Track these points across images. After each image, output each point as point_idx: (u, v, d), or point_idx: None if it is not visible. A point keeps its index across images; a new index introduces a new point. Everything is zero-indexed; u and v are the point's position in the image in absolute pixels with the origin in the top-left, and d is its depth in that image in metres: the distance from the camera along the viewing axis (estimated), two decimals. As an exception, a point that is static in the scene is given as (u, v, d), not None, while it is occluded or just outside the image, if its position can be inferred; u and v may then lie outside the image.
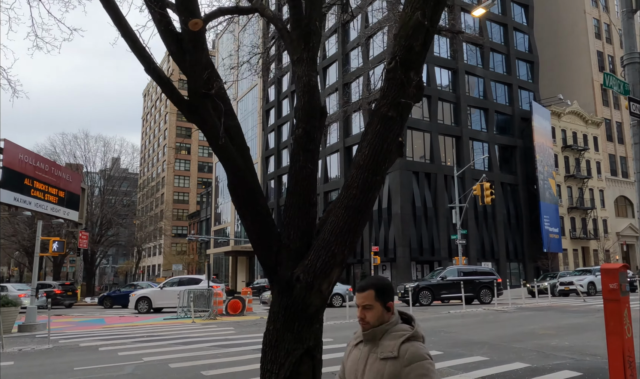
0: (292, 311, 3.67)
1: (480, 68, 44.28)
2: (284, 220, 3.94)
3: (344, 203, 3.64)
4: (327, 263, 3.61)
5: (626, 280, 5.90)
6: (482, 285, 23.08)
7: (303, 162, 3.99)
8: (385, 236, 38.44)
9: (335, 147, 45.71)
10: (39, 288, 25.11)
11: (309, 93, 4.15)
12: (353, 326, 14.45)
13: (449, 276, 23.16)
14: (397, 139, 3.72)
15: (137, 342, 11.83)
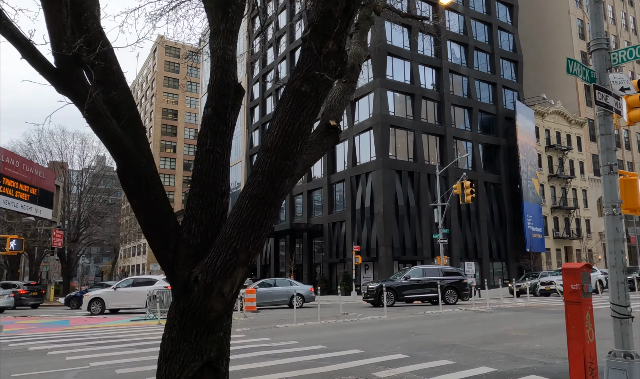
0: (189, 317, 3.16)
1: (464, 67, 44.10)
2: (184, 212, 3.44)
3: (248, 191, 3.14)
4: (229, 261, 3.10)
5: (589, 281, 5.49)
6: (447, 285, 22.67)
7: (211, 145, 3.48)
8: (367, 235, 38.04)
9: (319, 145, 45.15)
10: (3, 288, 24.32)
11: (222, 68, 3.65)
12: (323, 328, 13.99)
13: (413, 277, 22.76)
14: (312, 118, 3.23)
15: (91, 345, 11.22)
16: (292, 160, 3.15)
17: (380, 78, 38.51)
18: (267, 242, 52.14)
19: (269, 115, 55.46)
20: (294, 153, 3.14)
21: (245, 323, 15.54)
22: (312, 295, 23.59)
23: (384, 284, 22.02)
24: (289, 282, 24.48)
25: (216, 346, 3.22)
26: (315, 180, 45.58)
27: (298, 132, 3.13)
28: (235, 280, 3.14)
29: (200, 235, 3.30)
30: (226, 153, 3.55)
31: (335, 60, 3.22)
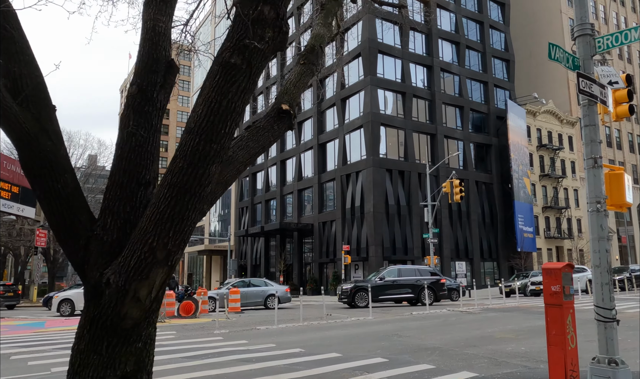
0: (100, 325, 2.72)
1: (455, 66, 43.83)
2: (102, 204, 2.99)
3: (167, 179, 2.70)
4: (144, 260, 2.66)
5: (570, 281, 5.09)
6: (423, 286, 22.15)
7: (134, 127, 3.03)
8: (357, 235, 37.66)
9: (310, 143, 44.79)
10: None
11: (152, 41, 3.20)
12: (304, 330, 13.56)
13: (388, 277, 22.33)
14: (244, 95, 2.79)
15: (58, 349, 10.72)
16: (220, 143, 2.71)
17: (370, 76, 38.13)
18: (257, 241, 51.66)
19: (259, 114, 54.99)
20: (221, 135, 2.71)
21: (226, 325, 15.08)
22: (288, 295, 23.13)
23: (358, 284, 21.67)
24: (264, 282, 23.97)
25: (133, 359, 2.77)
26: (305, 179, 45.15)
27: (226, 111, 2.70)
28: (153, 282, 2.70)
29: (117, 230, 2.86)
30: (153, 137, 3.11)
31: (273, 29, 2.79)
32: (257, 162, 54.45)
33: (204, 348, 10.54)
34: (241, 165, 3.42)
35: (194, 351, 10.07)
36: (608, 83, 6.50)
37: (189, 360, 9.15)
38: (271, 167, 51.28)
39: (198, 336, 12.58)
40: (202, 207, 2.78)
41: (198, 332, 13.37)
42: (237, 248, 56.31)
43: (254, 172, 54.74)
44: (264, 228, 44.97)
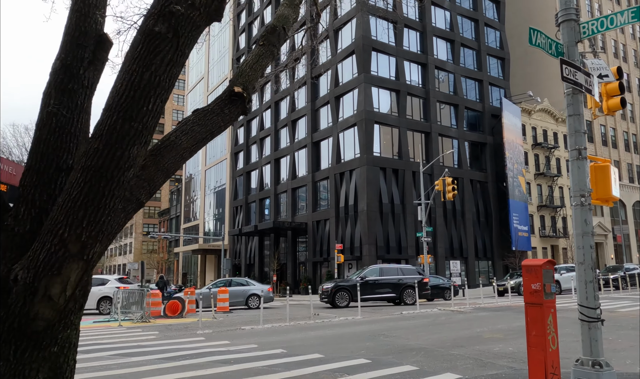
0: (7, 327, 2.40)
1: (450, 64, 43.58)
2: (17, 192, 2.68)
3: (82, 162, 2.39)
4: (55, 254, 2.35)
5: (552, 279, 4.81)
6: (406, 285, 22.04)
7: (55, 106, 2.72)
8: (351, 233, 37.37)
9: (303, 142, 44.47)
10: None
11: (80, 12, 2.89)
12: (290, 330, 13.26)
13: (369, 277, 22.11)
14: (170, 69, 2.49)
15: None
16: (141, 121, 2.41)
17: (364, 73, 37.84)
18: (251, 241, 51.34)
19: (254, 112, 54.64)
20: (143, 113, 2.40)
21: (211, 325, 14.77)
22: (270, 295, 22.79)
23: (339, 284, 21.44)
24: (245, 282, 23.60)
25: (47, 365, 2.46)
26: (299, 177, 44.84)
27: (149, 85, 2.39)
28: (67, 278, 2.38)
29: (30, 221, 2.55)
30: (78, 118, 2.79)
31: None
32: (251, 160, 54.10)
33: (183, 348, 10.23)
34: (185, 151, 3.11)
35: (173, 352, 9.76)
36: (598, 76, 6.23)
37: (165, 361, 8.84)
38: (265, 166, 50.95)
39: (180, 336, 12.26)
40: (123, 194, 2.47)
41: (181, 332, 13.06)
42: (232, 247, 55.96)
43: (248, 171, 54.41)
44: (258, 227, 44.66)
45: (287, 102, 48.28)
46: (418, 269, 23.89)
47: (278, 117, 49.81)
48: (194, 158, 72.63)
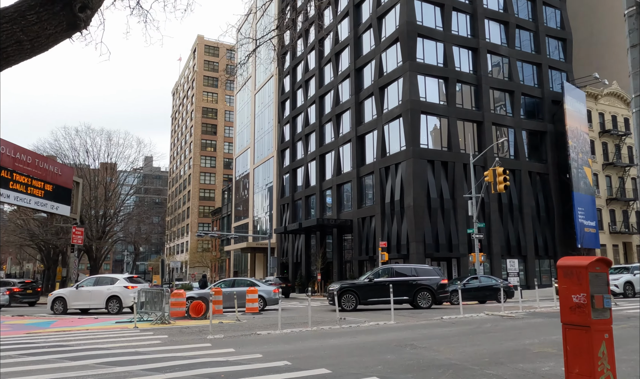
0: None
1: (504, 47, 40.45)
2: None
3: None
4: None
5: (605, 288, 3.10)
6: (420, 287, 20.04)
7: None
8: (397, 230, 35.45)
9: (348, 136, 42.95)
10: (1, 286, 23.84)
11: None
12: (307, 336, 11.86)
13: (379, 277, 20.40)
14: None
15: (32, 355, 9.66)
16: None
17: (410, 61, 35.75)
18: (298, 239, 50.47)
19: (299, 108, 53.76)
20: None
21: (228, 328, 13.68)
22: (276, 297, 21.18)
23: (345, 285, 19.84)
24: (250, 283, 22.24)
25: None
26: (344, 173, 43.37)
27: None
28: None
29: None
30: None
31: None
32: (297, 157, 53.24)
33: (179, 357, 9.12)
34: None
35: (165, 362, 8.67)
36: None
37: (148, 374, 7.73)
38: (310, 162, 49.90)
39: (187, 341, 11.20)
40: None
41: (191, 337, 12.02)
42: (279, 245, 55.41)
43: (294, 168, 53.61)
44: (302, 225, 43.65)
45: (331, 95, 46.95)
46: (436, 269, 21.75)
47: (322, 111, 48.59)
48: (243, 157, 73.02)
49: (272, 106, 62.51)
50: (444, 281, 20.58)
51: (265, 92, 65.49)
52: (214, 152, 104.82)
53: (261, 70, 67.95)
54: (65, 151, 44.92)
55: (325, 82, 48.56)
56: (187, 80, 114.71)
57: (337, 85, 45.64)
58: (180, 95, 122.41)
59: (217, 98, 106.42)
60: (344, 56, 45.62)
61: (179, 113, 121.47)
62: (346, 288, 19.49)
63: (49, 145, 45.71)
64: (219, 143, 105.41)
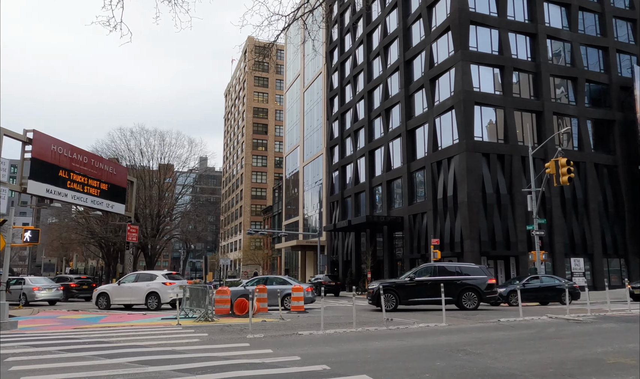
0: None
1: (566, 31, 37.80)
2: None
3: None
4: None
5: None
6: (464, 287, 18.78)
7: None
8: (450, 227, 33.95)
9: (398, 131, 41.76)
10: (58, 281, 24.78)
11: None
12: (351, 338, 11.15)
13: (420, 276, 19.35)
14: None
15: (63, 351, 9.58)
16: None
17: (462, 50, 34.10)
18: (348, 237, 49.78)
19: (348, 104, 53.02)
20: None
21: (270, 327, 13.22)
22: (309, 295, 20.40)
23: (384, 284, 18.91)
24: (282, 281, 21.56)
25: None
26: (394, 169, 42.21)
27: None
28: None
29: None
30: None
31: None
32: (346, 153, 52.56)
33: (214, 357, 8.69)
34: None
35: (198, 362, 8.25)
36: None
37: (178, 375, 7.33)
38: (360, 158, 49.04)
39: (226, 341, 10.81)
40: None
41: (230, 336, 11.63)
42: (329, 243, 54.96)
43: (343, 165, 52.94)
44: (351, 222, 42.90)
45: (380, 90, 45.87)
46: (483, 268, 20.31)
47: (371, 106, 47.59)
48: (292, 155, 73.21)
49: (320, 103, 62.15)
50: (491, 281, 19.32)
51: (314, 89, 65.22)
52: (265, 151, 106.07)
53: (310, 67, 67.75)
54: (122, 152, 46.59)
55: (374, 76, 47.53)
56: (238, 81, 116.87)
57: (386, 78, 44.52)
58: (232, 97, 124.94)
59: (268, 98, 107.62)
60: (393, 49, 44.40)
61: (231, 114, 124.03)
62: (385, 287, 18.72)
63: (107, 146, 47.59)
64: (269, 143, 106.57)
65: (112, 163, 33.65)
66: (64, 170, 27.01)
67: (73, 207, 51.35)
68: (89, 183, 29.23)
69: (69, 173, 27.43)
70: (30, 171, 24.52)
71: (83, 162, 28.92)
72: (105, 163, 31.32)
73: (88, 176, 29.06)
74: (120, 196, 32.02)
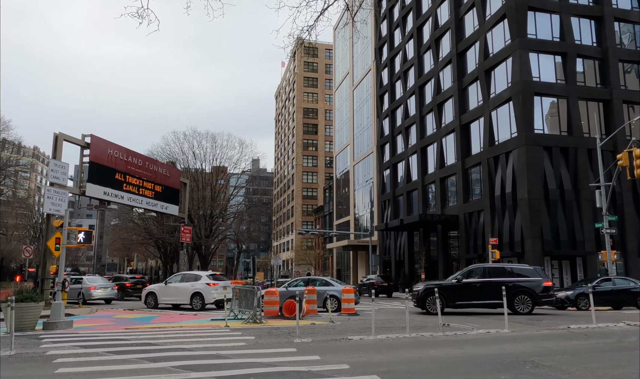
0: None
1: (636, 12, 34.91)
2: None
3: None
4: None
5: None
6: (517, 289, 17.41)
7: None
8: (509, 226, 32.16)
9: (451, 126, 40.21)
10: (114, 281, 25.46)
11: None
12: (404, 345, 10.41)
13: (468, 278, 18.23)
14: None
15: (113, 353, 9.50)
16: None
17: (519, 38, 32.24)
18: (400, 236, 48.62)
19: (398, 101, 51.82)
20: None
21: (318, 331, 12.70)
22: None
23: (429, 286, 17.80)
24: (325, 282, 20.80)
25: None
26: (448, 166, 40.68)
27: None
28: None
29: None
30: None
31: None
32: (397, 151, 51.37)
33: (259, 363, 8.26)
34: None
35: (243, 368, 7.85)
36: None
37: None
38: (411, 156, 47.73)
39: (272, 345, 10.38)
40: None
41: (278, 340, 11.21)
42: (381, 243, 53.96)
43: (394, 163, 51.78)
44: (404, 221, 41.75)
45: (431, 84, 44.41)
46: (537, 269, 18.80)
47: (423, 102, 46.18)
48: (343, 154, 72.65)
49: (370, 101, 61.20)
50: (547, 284, 18.00)
51: (363, 86, 64.34)
52: (315, 151, 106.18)
53: (359, 65, 66.93)
54: (176, 155, 47.79)
55: (425, 70, 46.10)
56: (288, 83, 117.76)
57: (437, 72, 43.02)
58: (282, 98, 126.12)
59: (317, 98, 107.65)
60: (445, 41, 42.81)
61: (282, 115, 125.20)
62: (431, 289, 17.77)
63: (161, 149, 48.99)
64: (320, 142, 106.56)
65: (166, 166, 34.44)
66: (120, 173, 27.79)
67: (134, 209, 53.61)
68: (143, 185, 29.94)
69: (125, 175, 28.21)
70: (89, 174, 25.37)
71: (138, 164, 29.64)
72: (158, 166, 32.05)
73: (143, 178, 29.79)
74: (174, 198, 32.69)
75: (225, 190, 50.63)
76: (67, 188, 22.77)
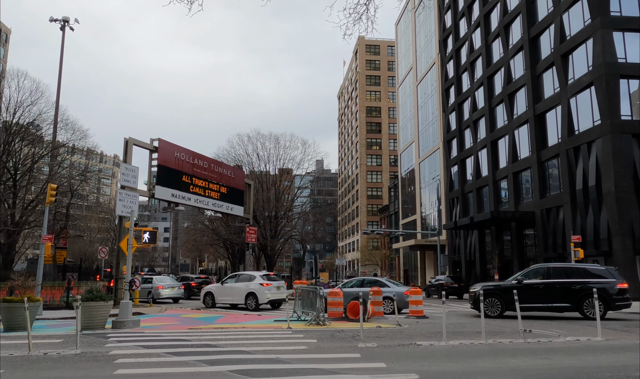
0: None
1: None
2: None
3: None
4: None
5: None
6: (587, 292, 15.45)
7: None
8: (594, 222, 29.46)
9: (524, 117, 37.71)
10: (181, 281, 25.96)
11: None
12: (480, 353, 9.41)
13: (530, 278, 16.69)
14: None
15: (173, 354, 9.33)
16: None
17: (601, 17, 29.48)
18: (470, 235, 46.41)
19: (465, 93, 49.56)
20: None
21: (385, 335, 11.93)
22: (406, 299, 18.22)
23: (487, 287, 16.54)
24: (381, 283, 19.74)
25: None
26: (521, 159, 38.17)
27: None
28: None
29: None
30: None
31: None
32: (465, 146, 49.13)
33: (318, 371, 7.68)
34: None
35: (300, 375, 7.31)
36: None
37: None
38: (481, 150, 45.40)
39: (335, 350, 9.77)
40: None
41: (341, 344, 10.58)
42: (450, 242, 51.86)
43: (462, 158, 49.55)
44: (474, 219, 39.70)
45: (501, 74, 41.96)
46: (610, 270, 16.69)
47: (492, 93, 43.77)
48: (407, 152, 70.87)
49: (435, 95, 59.12)
50: (622, 286, 16.06)
51: (427, 81, 62.30)
52: (379, 150, 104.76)
53: (422, 59, 64.97)
54: (241, 157, 48.67)
55: (494, 59, 43.66)
56: (350, 82, 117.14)
57: (507, 61, 40.56)
58: (344, 98, 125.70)
59: (380, 96, 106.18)
60: (515, 27, 40.26)
61: (345, 115, 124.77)
62: (489, 290, 16.35)
63: (227, 152, 50.08)
64: (383, 141, 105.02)
65: (230, 167, 34.99)
66: (186, 175, 28.46)
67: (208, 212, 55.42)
68: (209, 187, 30.51)
69: (192, 178, 28.85)
70: (157, 177, 26.15)
71: (203, 166, 30.24)
72: (223, 168, 32.57)
73: (209, 180, 30.35)
74: (239, 199, 33.09)
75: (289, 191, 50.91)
76: (138, 190, 23.60)
